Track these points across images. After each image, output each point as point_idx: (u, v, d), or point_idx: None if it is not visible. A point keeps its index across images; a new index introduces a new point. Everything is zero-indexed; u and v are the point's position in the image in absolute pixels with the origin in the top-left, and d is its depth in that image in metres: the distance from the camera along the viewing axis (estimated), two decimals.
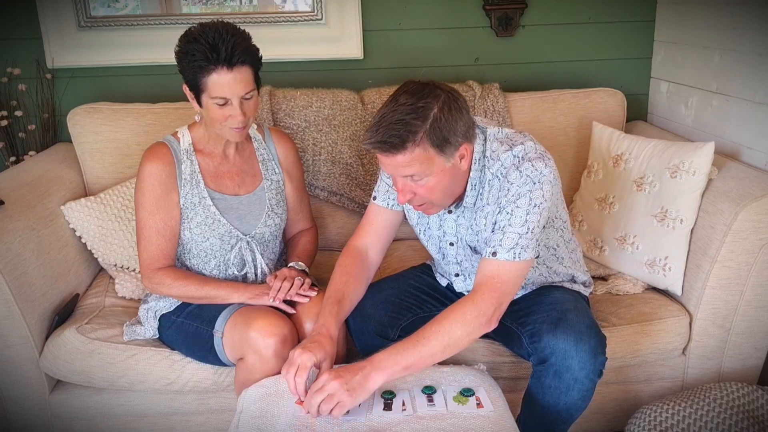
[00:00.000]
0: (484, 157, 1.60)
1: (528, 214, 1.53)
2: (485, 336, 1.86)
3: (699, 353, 1.99)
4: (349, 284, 1.71)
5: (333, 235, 2.43)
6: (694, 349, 1.98)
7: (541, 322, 1.62)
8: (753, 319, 1.94)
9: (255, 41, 1.72)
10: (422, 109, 1.45)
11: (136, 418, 1.95)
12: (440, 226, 1.73)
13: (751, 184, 1.90)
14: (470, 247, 1.70)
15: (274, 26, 2.53)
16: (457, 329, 1.49)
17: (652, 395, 2.02)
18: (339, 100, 2.38)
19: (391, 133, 1.44)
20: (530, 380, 1.67)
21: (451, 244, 1.74)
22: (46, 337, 1.91)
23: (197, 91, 1.70)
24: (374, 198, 1.80)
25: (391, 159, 1.47)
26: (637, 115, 2.70)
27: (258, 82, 1.73)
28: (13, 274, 1.80)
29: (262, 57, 1.73)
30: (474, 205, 1.63)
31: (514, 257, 1.53)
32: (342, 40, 2.55)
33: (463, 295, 1.79)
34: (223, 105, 1.68)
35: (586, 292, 1.85)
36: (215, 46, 1.63)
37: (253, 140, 1.94)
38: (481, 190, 1.61)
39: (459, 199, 1.65)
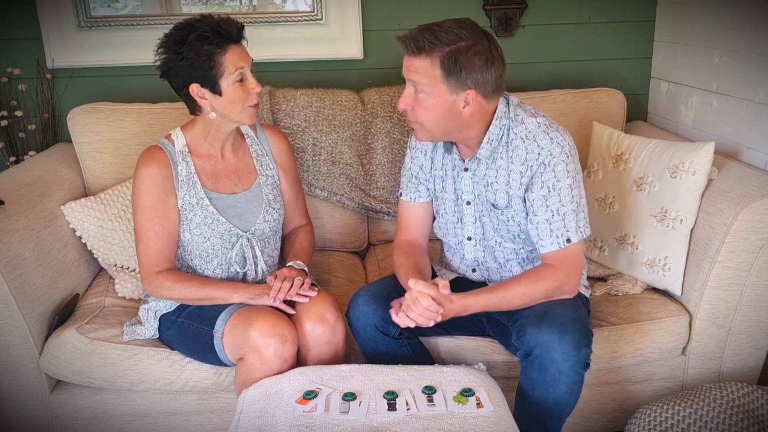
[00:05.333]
0: (508, 117, 1.69)
1: (572, 189, 1.65)
2: (483, 334, 1.88)
3: (699, 353, 1.99)
4: (418, 260, 1.81)
5: (333, 235, 2.43)
6: (694, 349, 1.98)
7: (527, 316, 1.65)
8: (753, 319, 1.94)
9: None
10: (455, 37, 1.56)
11: (136, 418, 1.95)
12: (455, 189, 1.79)
13: (751, 184, 1.90)
14: (490, 204, 1.75)
15: (274, 26, 2.53)
16: (538, 294, 1.66)
17: (652, 395, 2.02)
18: (339, 100, 2.38)
19: (418, 36, 1.56)
20: (520, 376, 1.69)
21: (468, 203, 1.79)
22: (46, 337, 1.91)
23: (213, 82, 1.72)
24: (400, 195, 1.90)
25: (408, 59, 1.60)
26: (637, 115, 2.70)
27: None
28: (13, 274, 1.80)
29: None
30: (492, 160, 1.71)
31: (581, 236, 1.67)
32: (342, 40, 2.55)
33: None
34: (241, 81, 1.74)
35: (586, 292, 1.86)
36: (221, 26, 1.70)
37: (245, 137, 1.95)
38: (503, 150, 1.69)
39: (474, 153, 1.72)
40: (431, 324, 1.60)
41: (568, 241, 1.66)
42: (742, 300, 1.92)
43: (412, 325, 1.60)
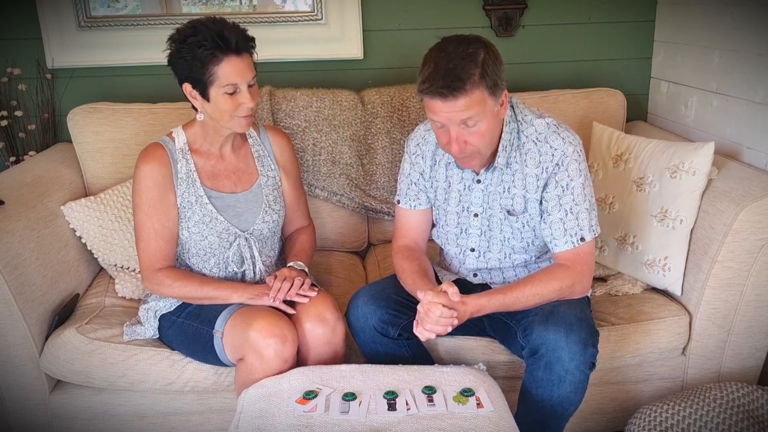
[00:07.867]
0: (516, 120, 1.70)
1: (584, 188, 1.67)
2: (483, 334, 1.88)
3: (699, 353, 1.99)
4: (421, 263, 1.80)
5: (333, 235, 2.43)
6: (694, 349, 1.98)
7: (533, 315, 1.66)
8: (753, 319, 1.94)
9: (255, 41, 1.76)
10: (472, 54, 1.53)
11: (136, 418, 1.95)
12: (460, 201, 1.78)
13: (751, 184, 1.90)
14: (506, 211, 1.74)
15: (274, 26, 2.52)
16: (551, 294, 1.66)
17: (652, 395, 2.02)
18: (339, 100, 2.38)
19: (451, 77, 1.51)
20: (524, 375, 1.68)
21: (476, 215, 1.78)
22: (46, 337, 1.91)
23: (203, 87, 1.71)
24: (398, 202, 1.88)
25: (450, 104, 1.53)
26: (637, 115, 2.70)
27: (255, 69, 1.78)
28: (13, 274, 1.80)
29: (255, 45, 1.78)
30: (508, 166, 1.71)
31: (594, 234, 1.69)
32: (342, 40, 2.55)
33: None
34: (232, 94, 1.71)
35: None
36: (221, 35, 1.67)
37: (248, 137, 1.95)
38: (516, 154, 1.70)
39: (489, 162, 1.72)
40: (449, 330, 1.60)
41: (582, 239, 1.67)
42: (742, 300, 1.92)
43: (432, 336, 1.60)
